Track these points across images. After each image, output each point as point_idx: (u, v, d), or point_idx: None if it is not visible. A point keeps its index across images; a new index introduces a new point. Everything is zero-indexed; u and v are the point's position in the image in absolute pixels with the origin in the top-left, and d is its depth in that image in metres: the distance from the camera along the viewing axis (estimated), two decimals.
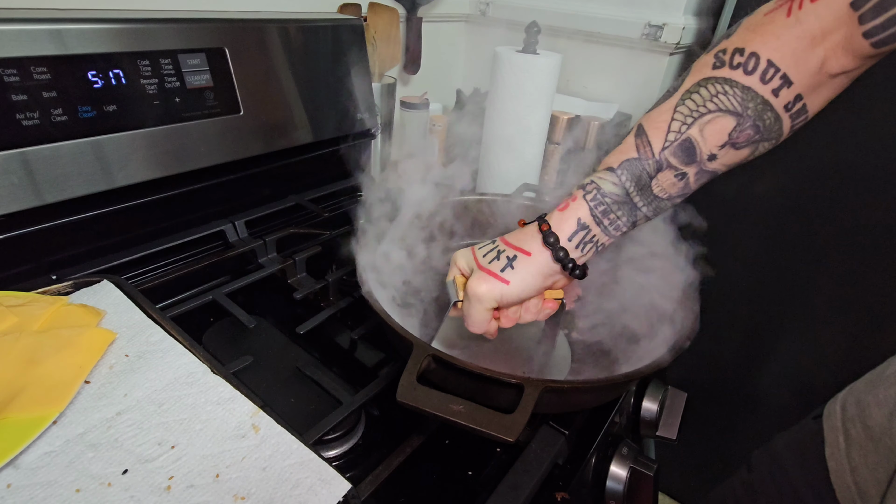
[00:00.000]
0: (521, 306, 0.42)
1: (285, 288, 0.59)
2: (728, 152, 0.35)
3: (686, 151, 0.35)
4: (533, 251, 0.39)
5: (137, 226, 0.58)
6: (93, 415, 0.34)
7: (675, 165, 0.35)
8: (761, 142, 0.34)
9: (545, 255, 0.38)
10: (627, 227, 0.38)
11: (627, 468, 0.50)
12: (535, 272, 0.39)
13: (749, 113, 0.33)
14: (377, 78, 0.87)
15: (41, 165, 0.48)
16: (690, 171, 0.36)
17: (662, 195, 0.37)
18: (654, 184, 0.36)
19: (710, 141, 0.34)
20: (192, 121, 0.57)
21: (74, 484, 0.30)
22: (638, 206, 0.37)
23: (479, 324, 0.41)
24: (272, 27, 0.64)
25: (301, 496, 0.31)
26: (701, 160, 0.35)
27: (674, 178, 0.36)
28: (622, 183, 0.37)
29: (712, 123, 0.34)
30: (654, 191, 0.37)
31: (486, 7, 1.11)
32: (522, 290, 0.39)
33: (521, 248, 0.39)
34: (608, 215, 0.38)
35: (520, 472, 0.38)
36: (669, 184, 0.36)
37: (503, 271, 0.39)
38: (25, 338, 0.37)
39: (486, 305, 0.40)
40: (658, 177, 0.36)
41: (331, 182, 0.79)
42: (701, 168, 0.35)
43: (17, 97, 0.45)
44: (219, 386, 0.37)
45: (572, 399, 0.42)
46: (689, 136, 0.34)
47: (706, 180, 0.37)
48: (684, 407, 0.60)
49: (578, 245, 0.38)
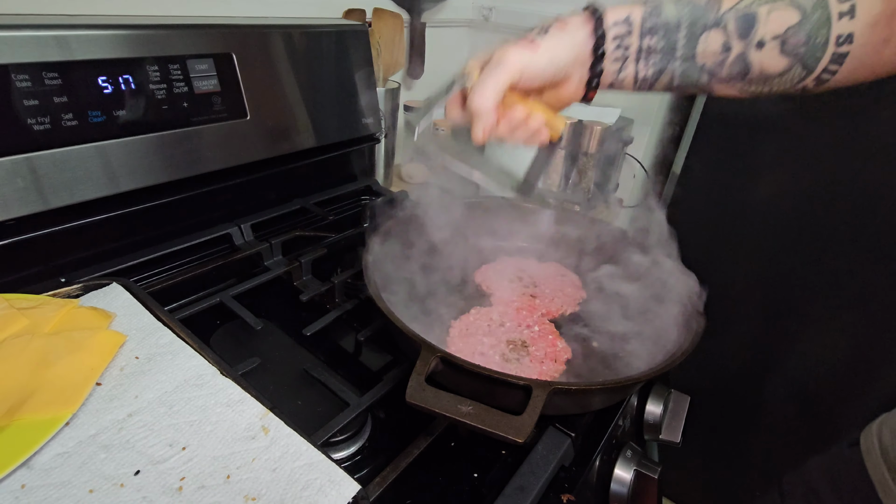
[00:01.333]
0: (527, 114, 0.40)
1: (291, 290, 0.60)
2: (773, 50, 0.36)
3: (746, 22, 0.36)
4: (571, 22, 0.38)
5: (145, 229, 0.58)
6: (104, 416, 0.35)
7: (730, 31, 0.36)
8: (796, 64, 0.35)
9: (583, 29, 0.38)
10: (654, 71, 0.39)
11: (632, 471, 0.50)
12: (565, 44, 0.38)
13: (812, 18, 0.34)
14: (381, 83, 0.88)
15: (51, 170, 0.48)
16: (735, 48, 0.36)
17: (699, 59, 0.38)
18: (702, 39, 0.37)
19: (770, 25, 0.35)
20: (199, 125, 0.58)
21: (88, 484, 0.30)
22: (675, 55, 0.38)
23: (486, 98, 0.37)
24: (278, 33, 0.65)
25: (311, 497, 0.31)
26: (751, 40, 0.36)
27: (719, 46, 0.37)
28: (680, 15, 0.37)
29: (780, 10, 0.35)
30: (697, 47, 0.37)
31: (489, 12, 1.12)
32: (549, 60, 0.38)
33: (560, 20, 0.39)
34: (652, 35, 0.38)
35: (526, 474, 0.39)
36: (712, 50, 0.37)
37: (535, 37, 0.38)
38: (37, 340, 0.38)
39: (505, 75, 0.37)
40: (709, 34, 0.37)
41: (335, 185, 0.79)
42: (744, 51, 0.36)
43: (29, 102, 0.46)
44: (228, 388, 0.38)
45: (579, 400, 0.42)
46: (757, 10, 0.35)
47: (736, 73, 0.37)
48: (688, 410, 0.60)
49: (615, 39, 0.38)
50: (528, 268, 0.64)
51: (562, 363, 0.49)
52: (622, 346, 0.50)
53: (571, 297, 0.59)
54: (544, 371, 0.48)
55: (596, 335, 0.52)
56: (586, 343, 0.52)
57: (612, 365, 0.49)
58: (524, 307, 0.57)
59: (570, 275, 0.63)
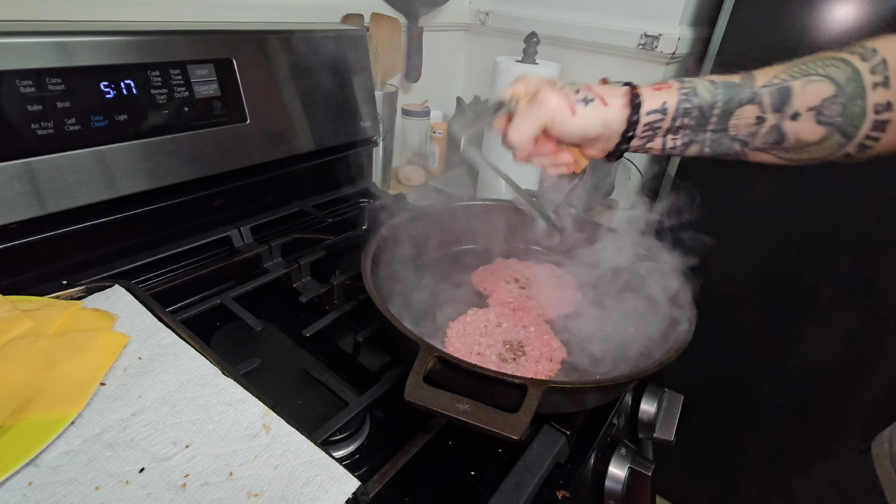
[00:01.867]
0: (556, 150, 0.43)
1: (291, 292, 0.60)
2: (808, 121, 0.37)
3: (781, 96, 0.37)
4: (612, 104, 0.40)
5: (146, 232, 0.59)
6: (109, 415, 0.35)
7: (765, 105, 0.38)
8: (834, 133, 0.37)
9: (621, 113, 0.40)
10: (682, 143, 0.41)
11: (626, 468, 0.51)
12: (600, 121, 0.40)
13: (847, 90, 0.36)
14: (379, 86, 0.89)
15: (54, 174, 0.49)
16: (769, 120, 0.38)
17: (731, 130, 0.39)
18: (736, 114, 0.38)
19: (805, 97, 0.37)
20: (200, 129, 0.59)
21: (94, 482, 0.31)
22: (706, 129, 0.39)
23: (523, 134, 0.40)
24: (278, 38, 0.65)
25: (312, 493, 0.32)
26: (786, 113, 0.37)
27: (752, 119, 0.38)
28: (714, 95, 0.39)
29: (815, 84, 0.36)
30: (730, 121, 0.39)
31: (485, 17, 1.13)
32: (580, 128, 0.40)
33: (603, 97, 0.40)
34: (684, 117, 0.39)
35: (522, 471, 0.39)
36: (745, 122, 0.38)
37: (577, 104, 0.40)
38: (42, 341, 0.38)
39: (543, 118, 0.40)
40: (743, 109, 0.38)
41: (334, 188, 0.80)
42: (779, 122, 0.38)
43: (33, 107, 0.46)
44: (230, 387, 0.39)
45: (574, 399, 0.43)
46: (792, 85, 0.37)
47: (771, 142, 0.39)
48: (682, 409, 0.61)
49: (646, 125, 0.40)
50: (524, 269, 0.65)
51: (557, 363, 0.50)
52: (616, 345, 0.51)
53: (567, 298, 0.60)
54: (540, 370, 0.49)
55: (591, 335, 0.53)
56: (581, 343, 0.53)
57: (606, 364, 0.50)
58: (520, 308, 0.58)
59: (566, 276, 0.64)
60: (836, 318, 0.93)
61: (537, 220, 0.55)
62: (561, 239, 0.62)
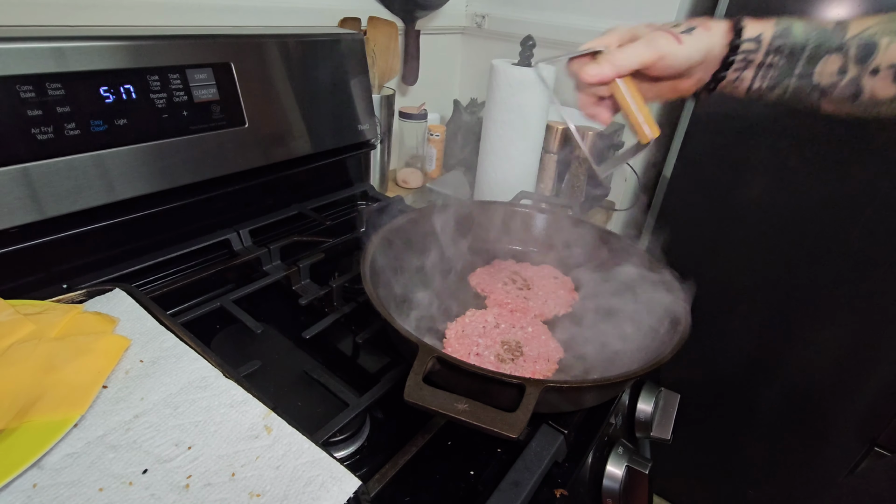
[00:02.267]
0: (634, 80, 0.43)
1: (290, 294, 0.61)
2: (885, 79, 0.38)
3: (866, 49, 0.38)
4: (714, 29, 0.41)
5: (146, 235, 0.59)
6: (112, 418, 0.36)
7: (850, 56, 0.39)
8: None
9: (724, 38, 0.41)
10: (769, 84, 0.41)
11: (623, 467, 0.51)
12: (704, 46, 0.40)
13: None
14: (377, 89, 0.89)
15: (53, 178, 0.49)
16: (851, 72, 0.39)
17: (815, 78, 0.40)
18: (822, 61, 0.39)
19: (889, 54, 0.38)
20: (199, 133, 0.59)
21: (97, 483, 0.31)
22: (794, 72, 0.40)
23: (628, 60, 0.40)
24: (276, 42, 0.66)
25: (313, 493, 0.32)
26: (867, 66, 0.38)
27: (836, 68, 0.39)
28: (807, 37, 0.40)
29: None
30: (815, 68, 0.40)
31: (481, 20, 1.14)
32: (687, 56, 0.40)
33: (704, 24, 0.41)
34: (776, 55, 0.40)
35: (521, 470, 0.40)
36: (829, 71, 0.40)
37: (680, 33, 0.40)
38: (44, 344, 0.39)
39: (649, 54, 0.40)
40: (829, 57, 0.39)
41: (332, 191, 0.81)
42: (858, 75, 0.39)
43: (33, 112, 0.47)
44: (231, 389, 0.39)
45: (571, 398, 0.43)
46: (879, 40, 0.38)
47: (848, 95, 0.40)
48: (679, 408, 0.62)
49: (743, 52, 0.41)
50: (521, 270, 0.65)
51: (554, 363, 0.51)
52: (613, 345, 0.52)
53: (564, 298, 0.61)
54: (538, 370, 0.49)
55: (587, 335, 0.53)
56: (578, 343, 0.54)
57: (602, 363, 0.51)
58: (518, 309, 0.58)
59: (563, 277, 0.65)
60: (834, 318, 0.94)
61: (586, 154, 0.54)
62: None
